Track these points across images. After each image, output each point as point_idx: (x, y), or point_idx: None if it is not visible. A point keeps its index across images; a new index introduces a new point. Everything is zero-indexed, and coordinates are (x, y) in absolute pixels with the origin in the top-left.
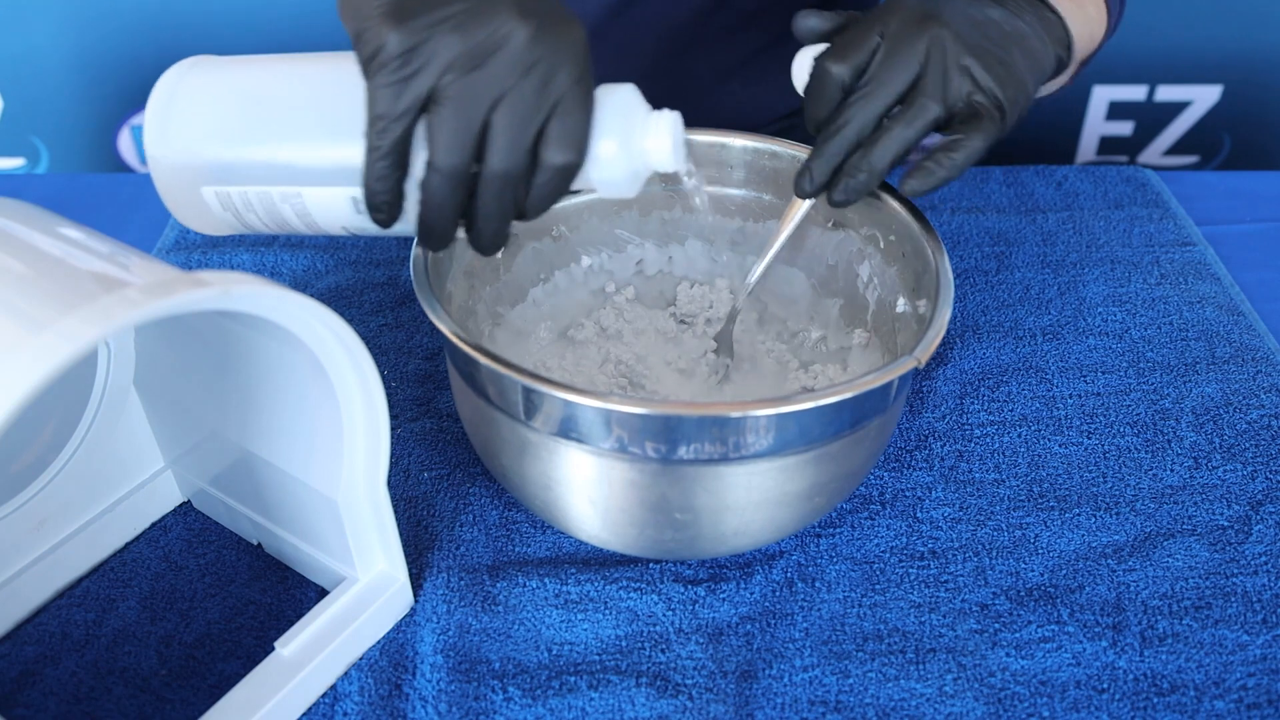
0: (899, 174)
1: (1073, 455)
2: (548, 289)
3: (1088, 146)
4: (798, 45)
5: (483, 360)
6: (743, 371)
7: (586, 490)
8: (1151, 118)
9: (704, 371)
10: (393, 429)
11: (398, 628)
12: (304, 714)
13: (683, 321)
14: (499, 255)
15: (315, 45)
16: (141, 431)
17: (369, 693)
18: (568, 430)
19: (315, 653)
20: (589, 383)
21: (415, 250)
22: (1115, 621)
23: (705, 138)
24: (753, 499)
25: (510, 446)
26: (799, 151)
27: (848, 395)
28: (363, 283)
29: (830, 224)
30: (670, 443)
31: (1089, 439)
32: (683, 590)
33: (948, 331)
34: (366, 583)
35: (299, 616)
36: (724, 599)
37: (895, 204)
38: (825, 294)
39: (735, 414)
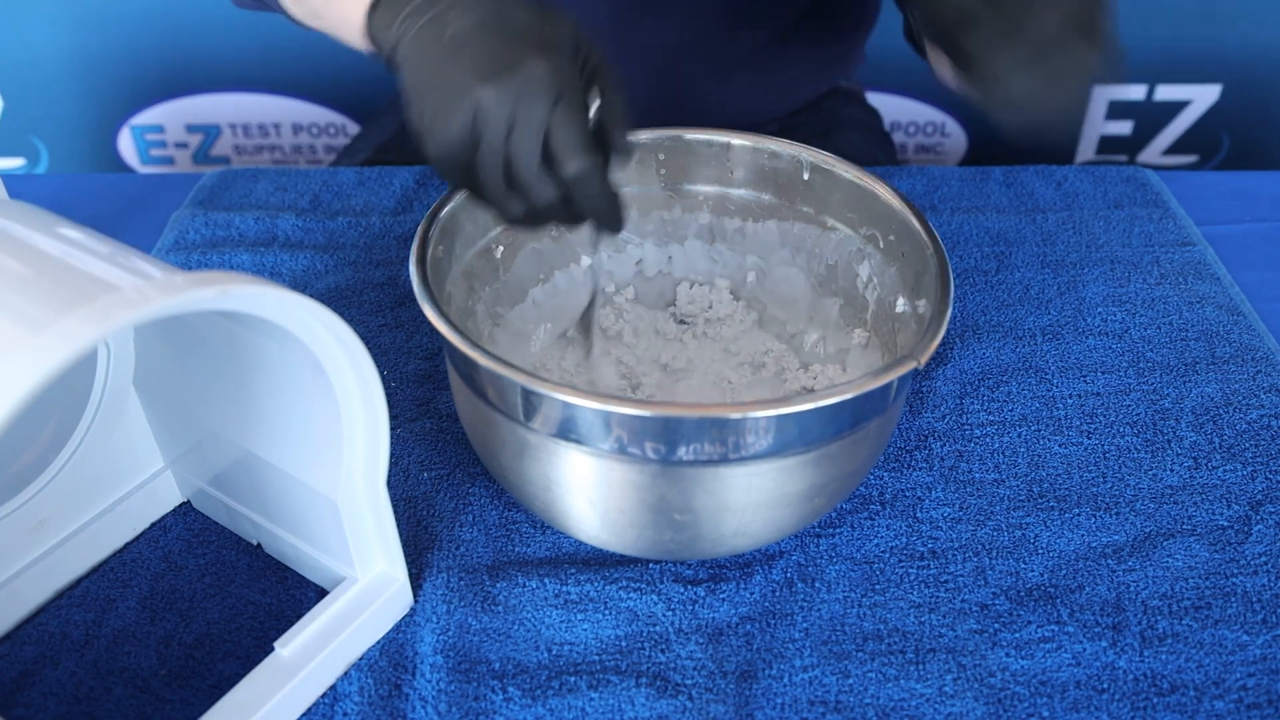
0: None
1: (1073, 455)
2: (547, 289)
3: (1087, 146)
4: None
5: (482, 361)
6: (742, 373)
7: (586, 491)
8: (1151, 117)
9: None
10: (393, 429)
11: (397, 628)
12: (304, 714)
13: (682, 322)
14: (499, 255)
15: (312, 45)
16: (141, 431)
17: (369, 693)
18: (567, 431)
19: (315, 653)
20: (588, 384)
21: (414, 251)
22: (1115, 621)
23: (705, 137)
24: (752, 500)
25: (509, 447)
26: (799, 151)
27: (848, 396)
28: (363, 283)
29: (829, 224)
30: (670, 444)
31: (1089, 439)
32: (682, 590)
33: (948, 331)
34: (366, 583)
35: (299, 617)
36: (724, 599)
37: (895, 204)
38: (825, 294)
39: (735, 415)
